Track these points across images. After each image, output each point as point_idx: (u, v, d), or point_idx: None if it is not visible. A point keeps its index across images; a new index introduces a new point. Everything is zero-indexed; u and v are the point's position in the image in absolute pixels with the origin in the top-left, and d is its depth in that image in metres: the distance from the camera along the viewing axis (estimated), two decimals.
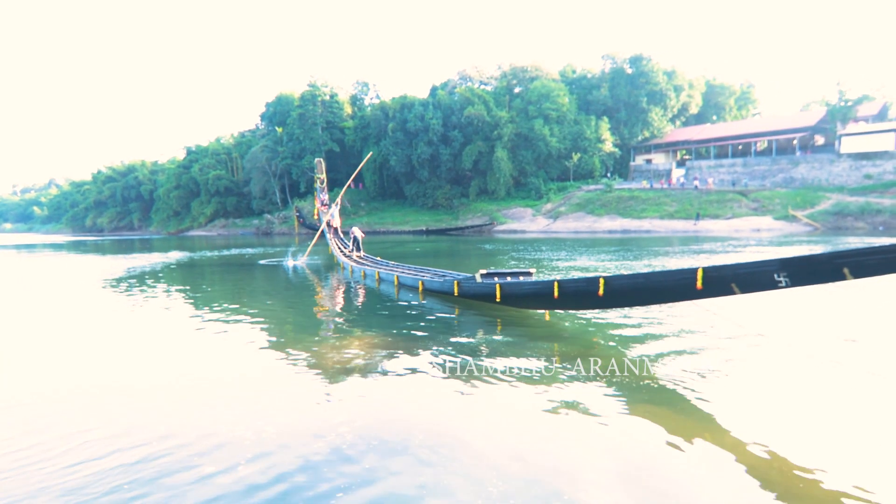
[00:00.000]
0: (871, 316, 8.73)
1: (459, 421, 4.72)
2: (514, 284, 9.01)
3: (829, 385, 5.46)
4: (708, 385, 5.47)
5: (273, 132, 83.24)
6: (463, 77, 75.61)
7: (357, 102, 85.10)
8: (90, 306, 12.32)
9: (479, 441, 4.25)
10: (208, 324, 9.41)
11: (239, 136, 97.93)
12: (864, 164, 52.50)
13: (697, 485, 3.59)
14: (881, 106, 60.84)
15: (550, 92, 65.83)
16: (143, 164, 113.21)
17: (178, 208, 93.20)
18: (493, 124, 65.78)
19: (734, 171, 60.09)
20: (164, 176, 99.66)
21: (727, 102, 77.74)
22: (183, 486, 3.63)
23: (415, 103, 70.04)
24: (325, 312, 10.73)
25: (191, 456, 4.07)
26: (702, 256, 20.76)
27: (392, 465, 3.85)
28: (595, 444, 4.21)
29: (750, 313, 8.82)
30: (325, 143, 77.34)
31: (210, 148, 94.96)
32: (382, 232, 64.56)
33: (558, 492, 3.47)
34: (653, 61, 69.12)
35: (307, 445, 4.19)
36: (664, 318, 8.65)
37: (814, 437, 4.32)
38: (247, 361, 6.89)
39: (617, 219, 54.67)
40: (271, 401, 5.30)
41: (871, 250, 4.33)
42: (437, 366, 6.33)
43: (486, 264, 19.58)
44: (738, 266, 5.41)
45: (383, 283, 14.21)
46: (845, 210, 45.29)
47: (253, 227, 77.99)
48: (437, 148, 67.36)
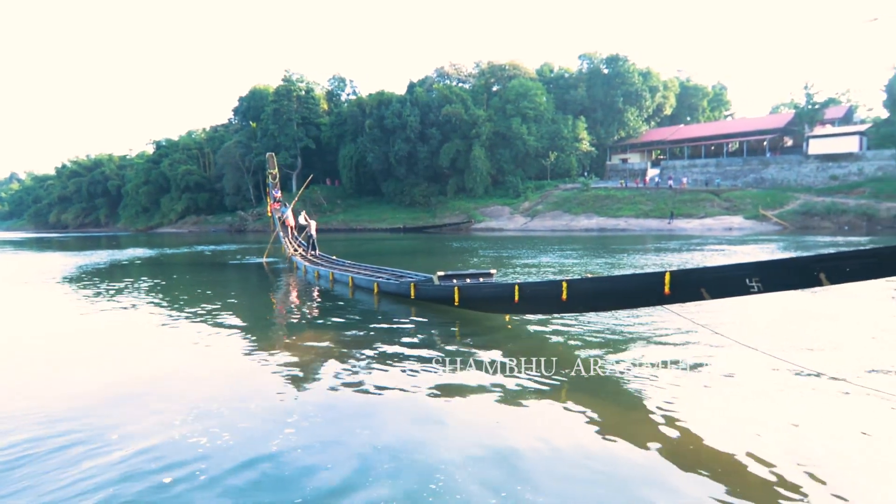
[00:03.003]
0: (842, 320, 8.63)
1: (401, 422, 4.60)
2: (472, 287, 8.69)
3: (788, 388, 5.34)
4: (676, 389, 5.32)
5: (247, 127, 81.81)
6: (441, 74, 75.55)
7: (333, 98, 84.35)
8: (37, 304, 12.13)
9: (427, 440, 4.19)
10: (146, 324, 9.26)
11: (211, 131, 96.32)
12: (831, 165, 54.01)
13: (659, 480, 3.60)
14: (846, 109, 62.78)
15: (528, 91, 66.20)
16: (110, 159, 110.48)
17: (148, 204, 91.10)
18: (470, 123, 65.85)
19: (707, 172, 61.28)
20: (133, 171, 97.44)
21: (700, 104, 79.15)
22: (132, 488, 3.54)
23: (392, 100, 69.69)
24: (267, 316, 10.27)
25: (138, 457, 3.98)
26: (676, 255, 20.96)
27: (337, 464, 3.81)
28: (547, 449, 4.09)
29: (717, 314, 8.69)
30: (300, 140, 76.49)
31: (181, 142, 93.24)
32: (359, 230, 64.14)
33: (510, 489, 3.47)
34: (629, 62, 70.02)
35: (254, 446, 4.11)
36: (629, 321, 8.41)
37: (771, 436, 4.28)
38: (184, 364, 6.67)
39: (593, 217, 55.37)
40: (214, 404, 5.09)
41: (848, 255, 4.16)
42: (385, 370, 6.09)
43: (461, 262, 19.51)
44: (708, 270, 5.20)
45: (338, 284, 13.53)
46: (812, 210, 46.63)
47: (226, 224, 76.54)
48: (414, 145, 67.14)
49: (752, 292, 4.68)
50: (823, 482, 3.53)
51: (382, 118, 68.41)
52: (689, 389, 5.33)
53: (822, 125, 59.68)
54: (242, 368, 6.46)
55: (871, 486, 3.52)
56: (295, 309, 11.00)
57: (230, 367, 6.50)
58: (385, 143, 68.82)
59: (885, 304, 10.04)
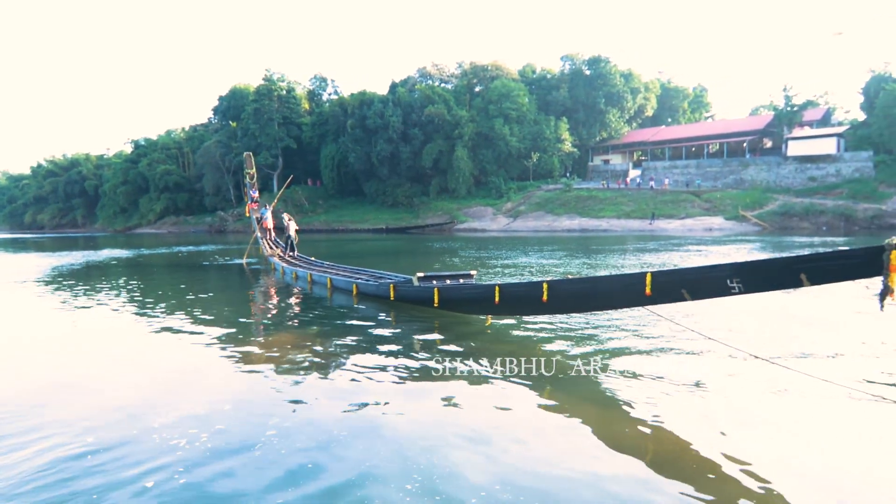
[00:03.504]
0: (820, 320, 8.58)
1: (379, 424, 4.54)
2: (452, 288, 8.60)
3: (768, 388, 5.26)
4: (654, 389, 5.28)
5: (227, 127, 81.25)
6: (423, 75, 75.38)
7: (315, 98, 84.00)
8: (7, 306, 11.89)
9: (404, 443, 4.13)
10: (118, 327, 9.10)
11: (190, 130, 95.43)
12: (809, 166, 54.65)
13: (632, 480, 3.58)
14: (824, 111, 63.54)
15: (511, 91, 66.27)
16: (87, 158, 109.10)
17: (126, 205, 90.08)
18: (453, 123, 65.79)
19: (688, 173, 61.74)
20: (111, 171, 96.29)
21: (681, 105, 79.89)
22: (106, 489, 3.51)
23: (374, 100, 69.48)
24: (244, 318, 9.94)
25: (113, 458, 3.93)
26: (656, 255, 21.06)
27: (318, 463, 3.80)
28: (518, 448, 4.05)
29: (697, 314, 8.64)
30: (281, 139, 76.08)
31: (160, 142, 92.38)
32: (341, 230, 63.84)
33: (488, 489, 3.44)
34: (611, 63, 70.38)
35: (234, 450, 4.05)
36: (610, 322, 8.30)
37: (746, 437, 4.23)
38: (154, 368, 6.51)
39: (576, 218, 55.57)
40: (190, 406, 5.02)
41: (829, 255, 4.13)
42: (364, 372, 5.98)
43: (439, 263, 19.43)
44: (689, 271, 5.14)
45: (316, 285, 13.28)
46: (791, 211, 47.20)
47: (206, 224, 75.83)
48: (397, 146, 66.93)
49: (733, 293, 4.66)
50: (802, 485, 3.52)
51: (364, 118, 68.14)
52: (669, 390, 5.28)
53: (800, 127, 60.39)
54: (217, 371, 6.31)
55: (849, 487, 3.51)
56: (272, 311, 10.76)
57: (204, 370, 6.36)
58: (367, 144, 68.57)
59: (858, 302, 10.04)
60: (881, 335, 7.35)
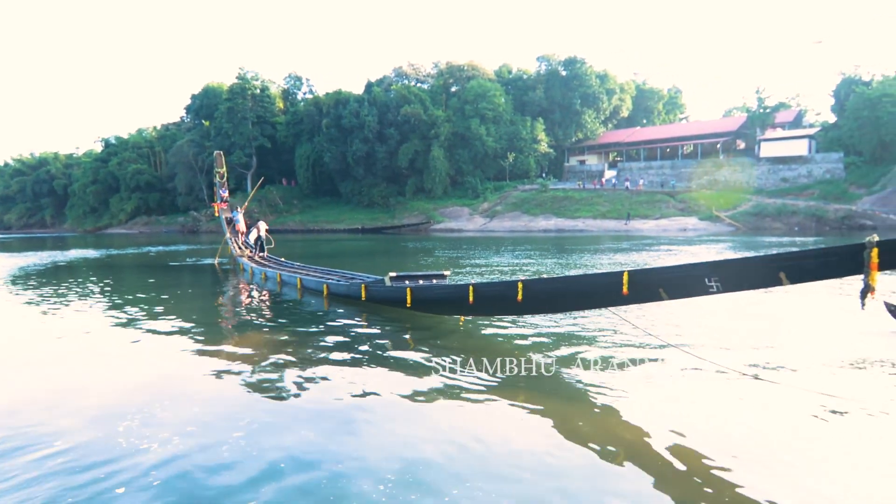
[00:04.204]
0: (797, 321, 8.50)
1: (350, 426, 4.47)
2: (425, 288, 8.45)
3: (732, 390, 5.18)
4: (625, 388, 5.23)
5: (200, 126, 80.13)
6: (399, 74, 75.05)
7: (289, 97, 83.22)
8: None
9: (375, 444, 4.10)
10: (79, 329, 8.78)
11: (162, 129, 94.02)
12: (781, 168, 55.42)
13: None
14: (796, 113, 64.45)
15: (487, 92, 66.18)
16: (56, 157, 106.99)
17: (96, 204, 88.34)
18: (429, 123, 65.53)
19: (663, 173, 62.20)
20: (80, 170, 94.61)
21: (656, 107, 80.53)
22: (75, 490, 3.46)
23: (350, 99, 69.06)
24: (210, 320, 9.78)
25: (86, 462, 3.84)
26: (631, 255, 21.23)
27: (287, 468, 3.72)
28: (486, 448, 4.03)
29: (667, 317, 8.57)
30: (255, 139, 75.30)
31: (131, 140, 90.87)
32: (316, 230, 63.32)
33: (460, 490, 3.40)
34: (586, 64, 70.57)
35: (205, 451, 3.99)
36: (584, 322, 8.22)
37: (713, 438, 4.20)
38: (117, 371, 6.31)
39: (552, 218, 55.73)
40: (158, 410, 4.90)
41: (808, 254, 4.13)
42: (334, 373, 5.89)
43: (413, 263, 19.43)
44: (667, 270, 5.09)
45: (286, 286, 13.10)
46: (764, 211, 47.72)
47: (178, 224, 74.70)
48: (372, 145, 66.54)
49: (711, 292, 4.59)
50: (763, 484, 3.48)
51: (340, 118, 67.67)
52: (639, 390, 5.23)
53: (772, 129, 61.19)
54: (183, 374, 6.16)
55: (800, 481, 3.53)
56: (239, 313, 10.51)
57: (169, 373, 6.19)
58: (342, 143, 68.08)
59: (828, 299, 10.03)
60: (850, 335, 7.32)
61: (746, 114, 63.77)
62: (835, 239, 30.96)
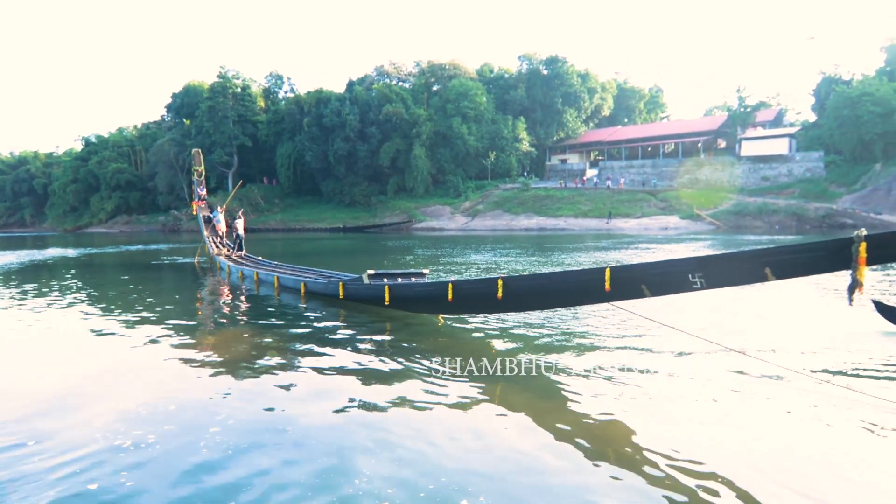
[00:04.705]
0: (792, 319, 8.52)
1: (327, 427, 4.40)
2: (404, 286, 8.39)
3: (725, 385, 5.22)
4: (609, 388, 5.21)
5: (181, 124, 79.73)
6: (381, 73, 74.82)
7: (271, 96, 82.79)
8: None
9: (352, 445, 4.01)
10: (51, 328, 8.67)
11: (143, 128, 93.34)
12: (762, 166, 55.70)
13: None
14: (776, 112, 64.87)
15: (468, 91, 65.97)
16: (35, 156, 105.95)
17: (76, 203, 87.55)
18: (411, 122, 65.27)
19: (644, 172, 62.32)
20: (60, 169, 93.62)
21: (637, 106, 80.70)
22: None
23: (331, 98, 68.70)
24: (185, 319, 9.61)
25: (62, 466, 3.77)
26: (612, 253, 21.37)
27: (261, 465, 3.70)
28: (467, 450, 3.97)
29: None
30: (236, 138, 74.76)
31: (111, 139, 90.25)
32: (298, 229, 62.91)
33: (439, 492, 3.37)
34: (568, 63, 70.51)
35: (180, 453, 3.93)
36: (566, 318, 8.29)
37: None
38: (91, 371, 6.21)
39: (533, 217, 55.72)
40: (135, 409, 4.84)
41: (795, 249, 4.07)
42: (310, 372, 5.87)
43: (390, 261, 19.50)
44: (650, 266, 5.07)
45: (263, 284, 13.09)
46: (745, 210, 47.85)
47: (159, 223, 73.92)
48: (354, 144, 66.18)
49: (695, 288, 4.52)
50: (746, 473, 3.51)
51: (321, 116, 67.30)
52: (624, 386, 5.20)
53: (753, 128, 61.54)
54: (154, 373, 6.06)
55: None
56: (216, 311, 10.44)
57: (139, 372, 6.11)
58: (324, 142, 67.71)
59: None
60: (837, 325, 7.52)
61: (727, 113, 64.07)
62: (815, 238, 31.04)
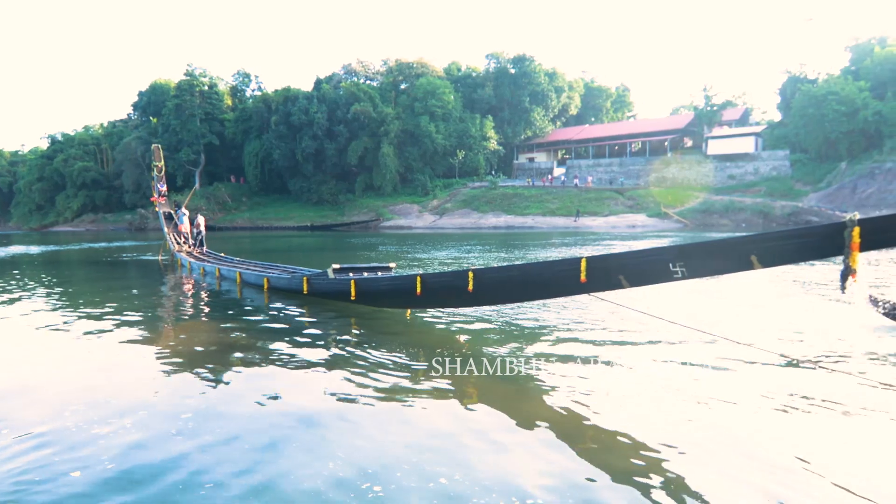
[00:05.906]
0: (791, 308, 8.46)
1: (290, 428, 4.22)
2: (370, 281, 8.08)
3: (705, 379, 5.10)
4: (580, 382, 5.10)
5: (147, 123, 79.11)
6: (348, 71, 74.43)
7: (238, 94, 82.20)
8: None
9: (314, 447, 3.85)
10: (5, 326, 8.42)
11: (109, 126, 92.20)
12: (728, 165, 56.15)
13: None
14: (742, 111, 65.38)
15: (436, 89, 65.82)
16: (0, 154, 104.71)
17: (42, 202, 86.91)
18: (379, 120, 64.98)
19: (611, 171, 62.56)
20: (26, 167, 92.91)
21: (604, 105, 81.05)
22: None
23: (299, 96, 68.26)
24: (144, 315, 9.23)
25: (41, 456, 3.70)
26: (580, 249, 21.55)
27: (227, 461, 3.60)
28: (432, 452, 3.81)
29: None
30: (203, 136, 74.11)
31: (77, 137, 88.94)
32: (265, 228, 62.37)
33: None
34: (535, 62, 70.54)
35: (140, 452, 3.79)
36: (540, 311, 8.14)
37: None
38: (47, 369, 6.01)
39: (501, 215, 55.75)
40: (93, 411, 4.62)
41: (784, 235, 3.90)
42: (271, 370, 5.70)
43: (364, 258, 19.43)
44: (628, 255, 4.81)
45: (225, 280, 12.76)
46: (712, 208, 48.14)
47: (125, 222, 72.79)
48: (321, 143, 65.79)
49: (676, 278, 4.33)
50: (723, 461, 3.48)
51: (289, 115, 66.83)
52: (599, 380, 5.10)
53: (719, 126, 61.96)
54: (118, 374, 5.76)
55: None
56: (175, 308, 10.18)
57: (99, 372, 5.80)
58: (291, 140, 67.23)
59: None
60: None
61: (694, 112, 64.42)
62: None
